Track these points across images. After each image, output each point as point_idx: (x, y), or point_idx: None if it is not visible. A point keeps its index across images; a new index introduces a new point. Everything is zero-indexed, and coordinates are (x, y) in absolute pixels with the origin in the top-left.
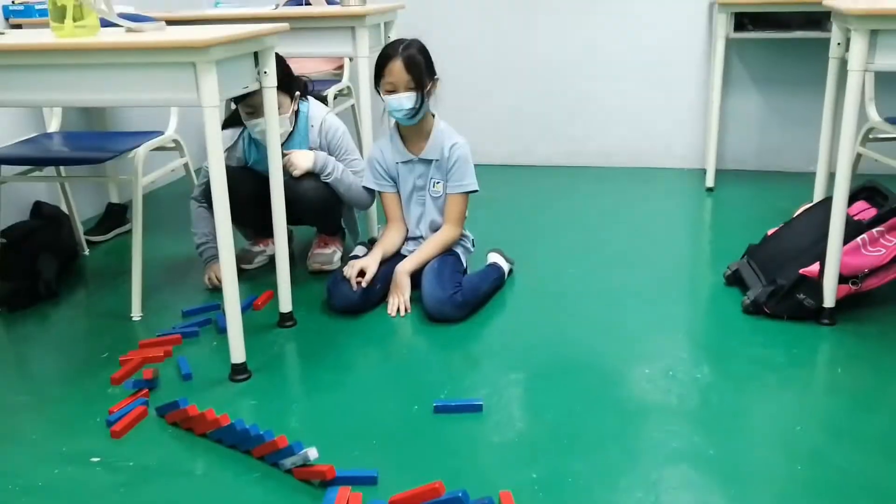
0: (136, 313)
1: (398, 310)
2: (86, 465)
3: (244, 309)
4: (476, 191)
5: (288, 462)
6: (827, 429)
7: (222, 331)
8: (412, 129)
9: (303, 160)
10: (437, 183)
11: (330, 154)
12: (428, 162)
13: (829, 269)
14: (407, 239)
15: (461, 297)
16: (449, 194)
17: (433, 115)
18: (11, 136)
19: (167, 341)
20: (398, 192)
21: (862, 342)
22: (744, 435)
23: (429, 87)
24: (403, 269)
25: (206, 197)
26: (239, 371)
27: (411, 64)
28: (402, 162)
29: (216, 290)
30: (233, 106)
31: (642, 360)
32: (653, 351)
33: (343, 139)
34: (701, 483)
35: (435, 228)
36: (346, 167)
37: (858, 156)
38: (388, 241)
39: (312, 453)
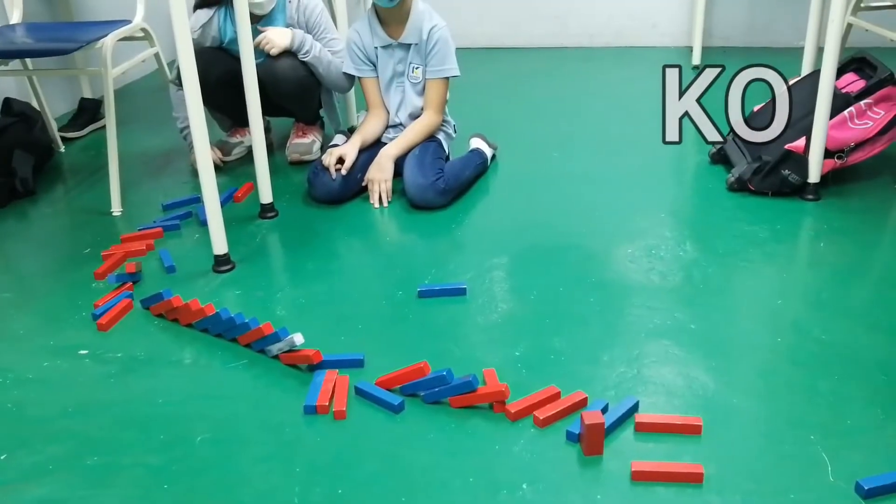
0: (116, 208)
1: (380, 198)
2: (75, 358)
3: (224, 201)
4: (457, 75)
5: (274, 348)
6: (808, 302)
7: (203, 223)
8: (390, 12)
9: (279, 37)
10: (417, 68)
11: (307, 33)
12: (407, 46)
13: (815, 143)
14: (388, 127)
15: (443, 183)
16: (429, 80)
17: None
18: None
19: (148, 235)
20: (378, 77)
21: (845, 217)
22: (725, 309)
23: None
24: (387, 154)
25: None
26: (222, 262)
27: None
28: (382, 46)
29: None
30: None
31: (626, 240)
32: (636, 231)
33: (321, 17)
34: (682, 356)
35: (415, 116)
36: (325, 46)
37: (849, 26)
38: (369, 129)
39: (298, 338)
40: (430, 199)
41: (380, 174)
